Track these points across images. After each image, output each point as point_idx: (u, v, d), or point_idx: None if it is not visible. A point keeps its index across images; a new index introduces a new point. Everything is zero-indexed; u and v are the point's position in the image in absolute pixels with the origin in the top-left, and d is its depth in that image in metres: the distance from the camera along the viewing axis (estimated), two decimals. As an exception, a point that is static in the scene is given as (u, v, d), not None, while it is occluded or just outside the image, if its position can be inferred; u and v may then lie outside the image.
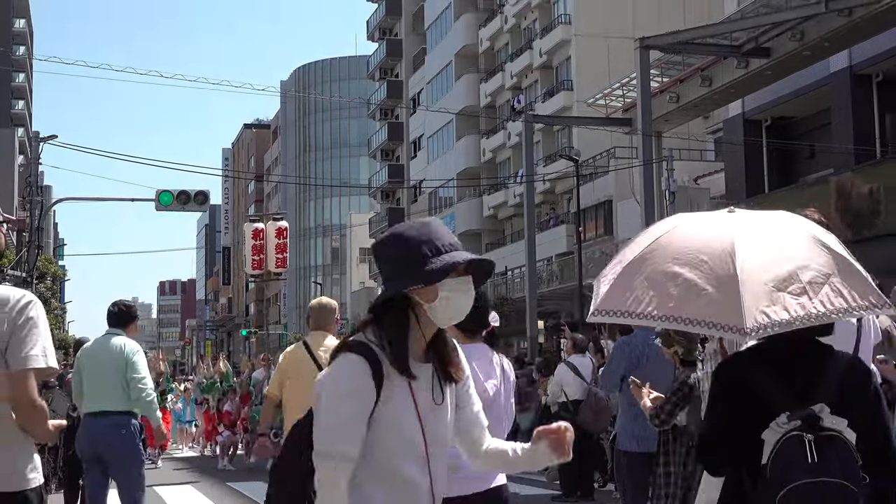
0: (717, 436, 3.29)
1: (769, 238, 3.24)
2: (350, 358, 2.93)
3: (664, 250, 3.27)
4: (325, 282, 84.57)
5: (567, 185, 43.97)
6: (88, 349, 8.06)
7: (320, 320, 7.30)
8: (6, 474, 3.51)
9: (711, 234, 3.25)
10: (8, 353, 3.50)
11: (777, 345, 3.21)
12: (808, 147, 30.97)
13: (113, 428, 7.57)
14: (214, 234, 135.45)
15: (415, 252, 2.98)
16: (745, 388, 3.20)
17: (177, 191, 25.00)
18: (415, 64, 68.87)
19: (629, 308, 3.22)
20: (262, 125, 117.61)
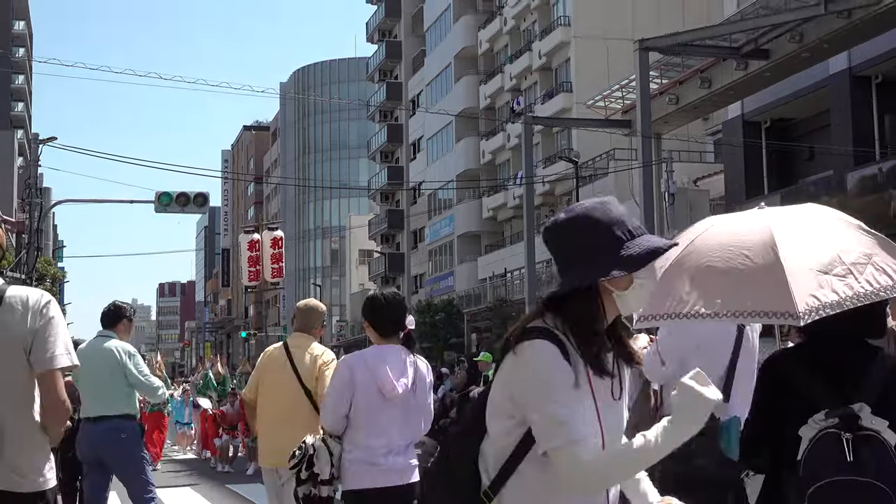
0: (760, 435, 3.31)
1: (806, 227, 3.29)
2: (547, 346, 2.66)
3: (701, 251, 3.31)
4: (324, 284, 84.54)
5: (567, 186, 43.98)
6: (81, 353, 8.05)
7: (305, 322, 6.95)
8: (26, 474, 3.52)
9: (747, 229, 3.30)
10: (32, 354, 3.53)
11: (822, 343, 3.23)
12: (807, 149, 30.97)
13: (112, 432, 7.54)
14: (214, 236, 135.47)
15: (608, 235, 2.70)
16: (787, 386, 3.21)
17: (176, 192, 24.97)
18: (414, 66, 68.90)
19: (674, 310, 3.24)
20: (262, 127, 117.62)
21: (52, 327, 3.57)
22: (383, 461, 5.03)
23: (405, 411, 5.09)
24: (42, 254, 36.68)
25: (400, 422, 5.10)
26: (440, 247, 62.04)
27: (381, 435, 5.06)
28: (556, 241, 2.79)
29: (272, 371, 6.75)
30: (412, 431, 5.17)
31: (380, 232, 73.21)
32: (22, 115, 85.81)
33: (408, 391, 5.08)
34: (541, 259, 41.64)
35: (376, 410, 5.06)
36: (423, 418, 5.24)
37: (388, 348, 5.17)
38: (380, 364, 5.09)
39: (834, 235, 3.23)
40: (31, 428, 3.56)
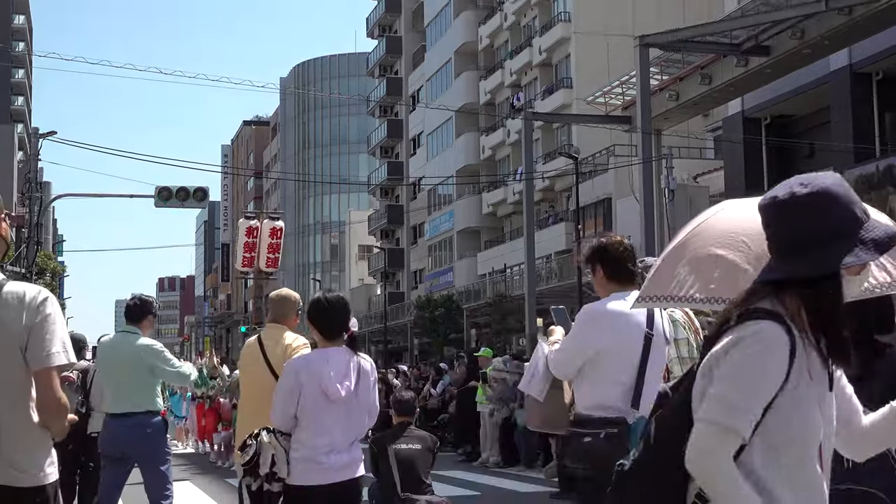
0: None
1: None
2: (775, 331, 2.44)
3: (706, 235, 3.30)
4: (323, 279, 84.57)
5: (566, 182, 43.98)
6: (107, 348, 7.96)
7: (278, 312, 6.86)
8: (26, 469, 3.52)
9: (751, 216, 3.27)
10: (28, 352, 3.52)
11: None
12: (807, 145, 30.99)
13: (137, 428, 7.51)
14: (213, 231, 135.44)
15: (851, 215, 2.51)
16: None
17: (176, 187, 24.96)
18: (414, 61, 68.89)
19: (672, 292, 3.24)
20: (262, 122, 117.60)
21: (48, 324, 3.55)
22: (325, 459, 5.29)
23: (348, 411, 5.34)
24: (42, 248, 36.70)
25: (343, 421, 5.35)
26: (440, 242, 62.06)
27: (324, 434, 5.31)
28: (788, 219, 2.54)
29: (248, 366, 6.74)
30: (355, 429, 5.43)
31: (379, 227, 73.23)
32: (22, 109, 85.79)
33: (350, 392, 5.32)
34: (540, 255, 41.67)
35: (320, 411, 5.30)
36: (366, 416, 5.50)
37: (333, 350, 5.39)
38: (323, 367, 5.31)
39: None
40: (28, 424, 3.56)
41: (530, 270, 36.28)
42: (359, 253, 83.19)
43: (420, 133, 66.58)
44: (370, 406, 5.54)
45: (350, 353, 5.44)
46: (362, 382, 5.41)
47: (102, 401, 10.74)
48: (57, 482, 3.65)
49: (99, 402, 10.82)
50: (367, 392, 5.47)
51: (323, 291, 5.69)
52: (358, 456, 5.44)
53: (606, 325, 4.98)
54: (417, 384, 24.47)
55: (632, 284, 5.02)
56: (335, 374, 5.29)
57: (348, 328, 5.51)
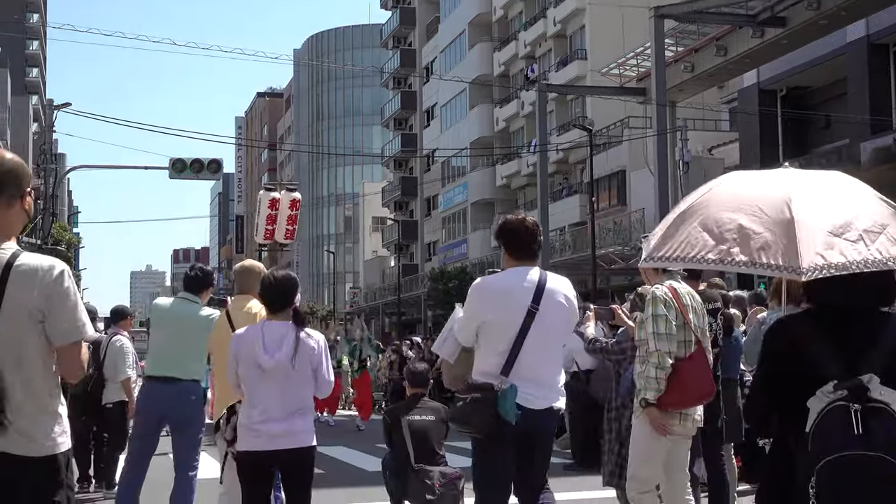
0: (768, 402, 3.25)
1: (825, 189, 3.28)
2: None
3: (717, 200, 3.31)
4: (337, 251, 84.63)
5: (580, 154, 43.86)
6: (165, 312, 7.82)
7: (244, 284, 6.99)
8: (37, 438, 3.55)
9: (766, 185, 3.30)
10: (49, 327, 3.55)
11: (832, 310, 3.17)
12: (823, 117, 30.84)
13: (182, 394, 7.48)
14: (228, 203, 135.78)
15: None
16: (794, 352, 3.15)
17: (190, 159, 24.99)
18: (428, 32, 68.63)
19: (681, 253, 3.25)
20: (276, 94, 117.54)
21: (69, 299, 3.58)
22: (260, 427, 5.58)
23: (284, 382, 5.57)
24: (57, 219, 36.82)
25: (277, 391, 5.58)
26: (453, 214, 62.02)
27: (257, 403, 5.61)
28: None
29: (219, 338, 6.75)
30: (292, 400, 5.62)
31: (393, 199, 73.21)
32: (36, 80, 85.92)
33: (282, 363, 5.54)
34: (554, 227, 41.63)
35: (254, 381, 5.63)
36: (307, 388, 5.70)
37: (272, 323, 5.68)
38: (256, 338, 5.62)
39: (851, 201, 3.22)
40: (41, 395, 3.58)
41: (544, 243, 36.17)
42: (372, 225, 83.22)
43: (434, 105, 66.41)
44: (313, 378, 5.72)
45: (293, 327, 5.67)
46: (301, 355, 5.61)
47: (116, 372, 10.83)
48: (70, 451, 3.67)
49: (113, 373, 10.89)
50: (306, 365, 5.65)
51: (272, 269, 6.04)
52: (300, 426, 5.65)
53: (490, 298, 5.43)
54: (431, 356, 24.52)
55: (531, 261, 5.46)
56: (267, 345, 5.57)
57: (292, 302, 5.76)
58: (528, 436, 5.32)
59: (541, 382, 5.36)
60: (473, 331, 5.47)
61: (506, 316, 5.34)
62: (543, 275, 5.46)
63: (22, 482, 3.52)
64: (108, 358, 10.89)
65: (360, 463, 13.91)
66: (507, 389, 5.19)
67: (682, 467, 6.37)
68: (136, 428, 7.92)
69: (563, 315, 5.47)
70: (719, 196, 3.34)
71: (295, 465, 5.73)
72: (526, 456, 5.43)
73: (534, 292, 5.33)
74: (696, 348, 6.16)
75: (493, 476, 5.44)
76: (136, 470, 7.82)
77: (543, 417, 5.39)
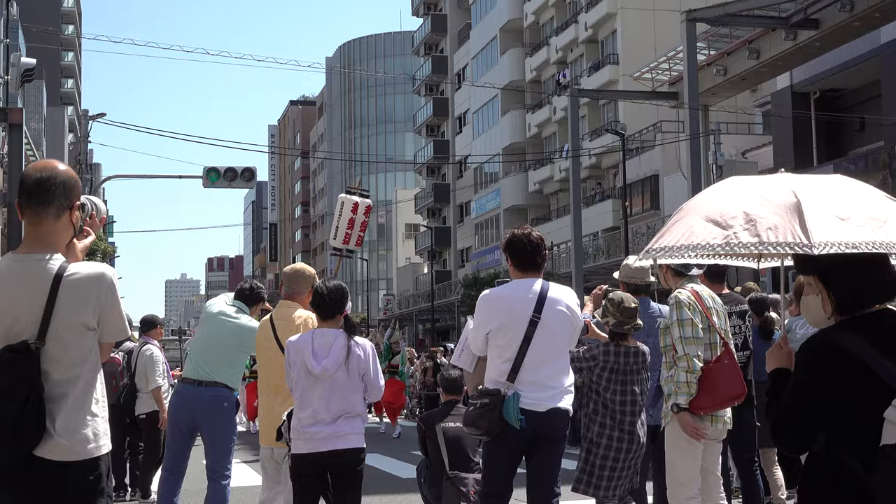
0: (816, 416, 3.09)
1: (827, 187, 3.28)
2: None
3: (719, 196, 3.32)
4: (371, 258, 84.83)
5: (613, 159, 43.75)
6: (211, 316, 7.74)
7: (293, 288, 6.88)
8: (80, 441, 3.59)
9: (770, 183, 3.31)
10: (102, 329, 3.68)
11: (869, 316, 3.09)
12: (857, 119, 30.59)
13: (215, 399, 7.50)
14: (261, 211, 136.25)
15: None
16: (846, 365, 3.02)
17: (224, 168, 25.09)
18: (459, 39, 68.69)
19: (687, 241, 3.23)
20: (308, 102, 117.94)
21: (117, 303, 3.71)
22: (308, 430, 5.81)
23: (332, 387, 5.79)
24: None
25: (326, 396, 5.80)
26: (486, 220, 62.00)
27: (307, 407, 5.84)
28: None
29: (262, 348, 6.80)
30: (340, 405, 5.82)
31: (426, 206, 73.28)
32: (72, 91, 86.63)
33: (330, 370, 5.77)
34: (587, 232, 41.54)
35: (304, 386, 5.85)
36: (355, 393, 5.89)
37: (324, 331, 5.90)
38: (307, 345, 5.85)
39: (855, 194, 3.21)
40: (89, 401, 3.64)
41: (577, 248, 36.19)
42: (406, 232, 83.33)
43: (466, 111, 66.45)
44: (362, 385, 5.93)
45: (343, 334, 5.90)
46: (351, 362, 5.83)
47: (147, 382, 10.86)
48: (109, 455, 3.72)
49: (144, 383, 10.90)
50: (355, 371, 5.86)
51: (323, 280, 6.13)
52: (346, 429, 5.83)
53: (495, 309, 5.83)
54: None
55: (535, 273, 5.83)
56: (318, 352, 5.80)
57: (343, 311, 6.00)
58: (535, 437, 5.68)
59: (545, 386, 5.71)
60: (483, 340, 5.85)
61: (510, 325, 5.71)
62: (545, 285, 5.80)
63: (63, 488, 3.56)
64: (138, 368, 10.91)
65: (395, 470, 13.93)
66: (511, 396, 5.59)
67: (713, 469, 6.37)
68: (169, 431, 7.96)
69: (565, 323, 5.78)
70: (722, 192, 3.34)
71: (342, 466, 5.88)
72: (535, 457, 5.78)
73: (535, 302, 5.69)
74: (724, 350, 6.17)
75: (497, 473, 5.83)
76: (173, 474, 7.87)
77: (549, 418, 5.68)
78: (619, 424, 6.56)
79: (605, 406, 6.60)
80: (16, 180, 17.76)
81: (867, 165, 26.71)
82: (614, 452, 6.55)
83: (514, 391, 5.61)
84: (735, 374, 6.10)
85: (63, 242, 3.74)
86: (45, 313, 3.56)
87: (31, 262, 3.63)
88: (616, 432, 6.54)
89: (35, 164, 3.82)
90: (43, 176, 3.68)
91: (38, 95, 58.92)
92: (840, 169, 25.26)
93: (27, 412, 3.47)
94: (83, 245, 3.90)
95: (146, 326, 11.57)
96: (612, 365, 6.62)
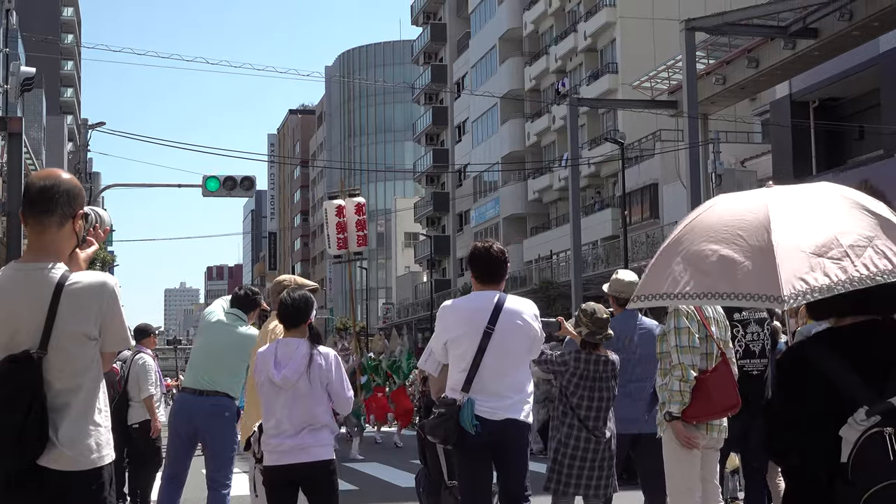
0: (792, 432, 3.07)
1: (805, 207, 3.15)
2: None
3: (700, 230, 3.23)
4: (370, 266, 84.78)
5: (612, 168, 43.79)
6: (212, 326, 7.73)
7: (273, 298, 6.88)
8: (83, 451, 3.59)
9: (746, 208, 3.19)
10: (104, 338, 3.66)
11: (848, 327, 3.06)
12: (857, 128, 30.62)
13: (216, 408, 7.47)
14: (260, 220, 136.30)
15: None
16: (815, 379, 3.00)
17: (223, 176, 25.06)
18: (459, 48, 68.79)
19: (667, 290, 3.19)
20: (307, 111, 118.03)
21: (119, 313, 3.70)
22: (272, 441, 5.81)
23: (294, 397, 5.74)
24: (92, 238, 36.94)
25: (289, 407, 5.76)
26: (486, 229, 62.03)
27: (270, 418, 5.82)
28: None
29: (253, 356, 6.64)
30: (302, 416, 5.77)
31: (425, 214, 73.30)
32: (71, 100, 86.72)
33: (291, 380, 5.72)
34: (587, 241, 41.53)
35: (268, 397, 5.84)
36: (319, 404, 5.83)
37: (288, 341, 5.88)
38: (270, 355, 5.84)
39: (834, 216, 3.07)
40: (91, 410, 3.64)
41: (576, 257, 36.18)
42: (405, 240, 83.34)
43: (465, 120, 66.51)
44: (326, 395, 5.87)
45: (305, 343, 5.86)
46: (313, 371, 5.77)
47: (139, 390, 10.84)
48: (112, 465, 3.71)
49: (136, 392, 10.87)
50: (317, 381, 5.79)
51: (288, 291, 6.11)
52: (310, 441, 5.77)
53: (453, 319, 5.99)
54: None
55: (495, 285, 5.99)
56: (280, 361, 5.78)
57: (307, 320, 5.97)
58: (495, 446, 5.86)
59: (501, 396, 5.84)
60: (442, 348, 6.05)
61: (466, 335, 5.86)
62: (503, 297, 5.93)
63: (66, 498, 3.56)
64: (130, 376, 10.87)
65: (394, 479, 13.93)
66: (466, 403, 5.77)
67: (711, 478, 6.39)
68: (170, 440, 7.93)
69: (521, 334, 5.90)
70: (702, 225, 3.25)
71: (310, 479, 5.85)
72: (500, 466, 5.97)
73: (491, 314, 5.82)
74: (721, 360, 6.17)
75: (469, 483, 6.03)
76: (173, 483, 7.85)
77: (505, 428, 5.82)
78: (585, 424, 6.83)
79: (573, 409, 6.89)
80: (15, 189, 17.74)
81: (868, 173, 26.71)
82: (581, 452, 6.84)
83: (469, 398, 5.77)
84: (730, 384, 6.11)
85: (66, 251, 3.72)
86: (47, 323, 3.55)
87: (33, 270, 3.63)
88: (584, 433, 6.81)
89: (39, 173, 3.82)
90: (47, 184, 3.68)
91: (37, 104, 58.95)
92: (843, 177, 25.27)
93: (30, 422, 3.46)
94: (86, 255, 3.88)
95: (139, 335, 11.57)
96: (583, 372, 6.90)
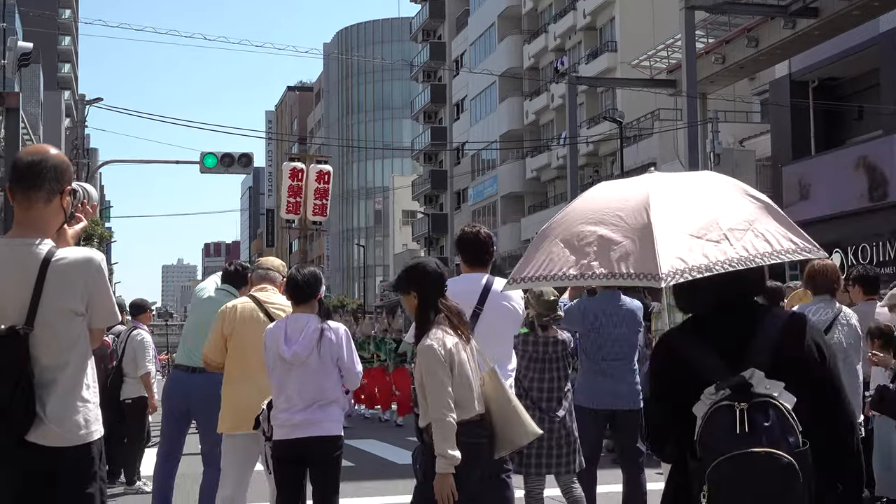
0: (661, 422, 3.10)
1: (686, 191, 3.16)
2: None
3: (579, 212, 3.23)
4: (367, 244, 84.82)
5: (611, 147, 43.73)
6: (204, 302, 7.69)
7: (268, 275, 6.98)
8: (71, 428, 3.59)
9: (628, 192, 3.18)
10: (91, 314, 3.68)
11: (709, 311, 3.07)
12: (856, 108, 30.55)
13: (210, 386, 7.27)
14: (258, 197, 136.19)
15: None
16: (677, 363, 3.02)
17: (221, 153, 25.01)
18: (458, 25, 68.59)
19: (544, 271, 3.16)
20: (306, 88, 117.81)
21: (105, 288, 3.71)
22: (282, 416, 5.90)
23: (304, 372, 5.87)
24: (89, 214, 36.93)
25: (298, 382, 5.88)
26: (483, 207, 62.01)
27: (280, 393, 5.93)
28: None
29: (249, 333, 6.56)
30: (313, 391, 5.89)
31: (423, 192, 73.26)
32: (69, 76, 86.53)
33: (300, 355, 5.84)
34: (584, 220, 41.44)
35: (277, 372, 5.93)
36: (329, 378, 5.98)
37: (297, 316, 5.99)
38: (280, 330, 5.95)
39: (715, 201, 3.07)
40: (79, 386, 3.64)
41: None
42: (403, 218, 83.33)
43: (463, 98, 66.38)
44: (336, 370, 6.00)
45: (315, 318, 5.97)
46: (323, 346, 5.91)
47: (136, 367, 10.82)
48: (101, 441, 3.70)
49: (132, 368, 10.85)
50: (328, 356, 5.93)
51: (297, 267, 6.20)
52: (319, 416, 5.90)
53: None
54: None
55: (482, 268, 6.13)
56: (290, 336, 5.88)
57: (317, 296, 6.07)
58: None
59: None
60: None
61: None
62: (490, 280, 6.07)
63: (55, 474, 3.56)
64: (127, 352, 10.84)
65: (391, 456, 13.95)
66: None
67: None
68: (164, 417, 7.92)
69: (506, 316, 6.04)
70: (582, 207, 3.25)
71: (318, 454, 5.93)
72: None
73: (479, 295, 5.95)
74: None
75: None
76: (169, 460, 7.84)
77: None
78: (538, 405, 7.02)
79: (526, 391, 7.06)
80: (12, 164, 17.73)
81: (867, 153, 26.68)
82: None
83: None
84: None
85: (53, 227, 3.71)
86: (33, 298, 3.56)
87: (19, 246, 3.62)
88: (537, 413, 6.89)
89: (27, 149, 3.81)
90: (34, 160, 3.67)
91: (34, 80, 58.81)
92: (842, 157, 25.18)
93: (17, 397, 3.46)
94: (74, 231, 3.87)
95: (136, 311, 11.56)
96: (532, 354, 7.14)
